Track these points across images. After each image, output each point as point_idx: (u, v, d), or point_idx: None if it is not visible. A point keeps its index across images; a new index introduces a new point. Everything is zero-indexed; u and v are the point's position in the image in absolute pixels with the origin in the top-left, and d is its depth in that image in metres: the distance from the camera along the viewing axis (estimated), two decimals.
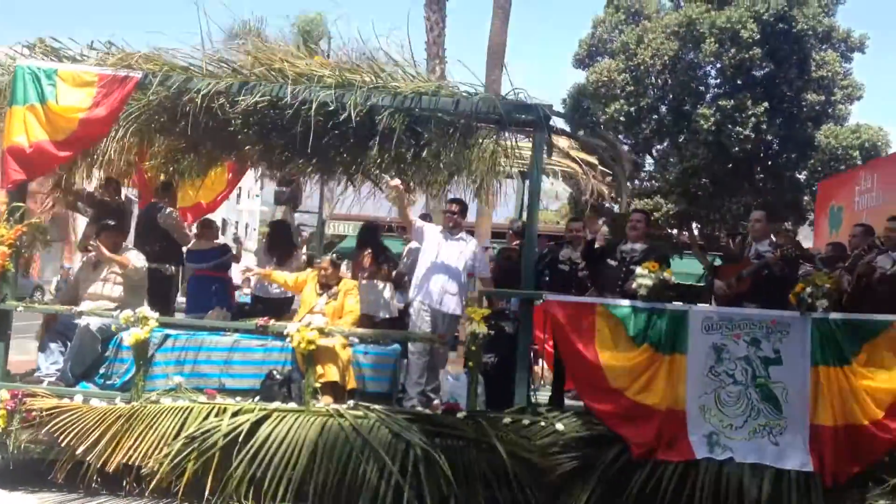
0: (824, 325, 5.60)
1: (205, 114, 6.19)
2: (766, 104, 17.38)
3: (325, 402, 5.87)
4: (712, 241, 18.29)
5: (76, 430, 5.59)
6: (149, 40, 6.45)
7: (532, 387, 8.85)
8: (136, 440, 5.60)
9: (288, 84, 5.86)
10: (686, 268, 15.51)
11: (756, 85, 18.00)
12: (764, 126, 17.46)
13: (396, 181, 6.43)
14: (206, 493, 5.41)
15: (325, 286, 6.60)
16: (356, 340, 6.47)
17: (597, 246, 6.48)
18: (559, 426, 5.70)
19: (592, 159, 7.86)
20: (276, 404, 5.78)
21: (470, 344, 5.68)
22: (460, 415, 5.74)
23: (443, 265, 6.48)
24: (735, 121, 17.22)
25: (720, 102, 17.56)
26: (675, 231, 19.10)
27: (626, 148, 18.95)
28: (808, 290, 5.60)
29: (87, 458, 5.56)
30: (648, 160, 20.64)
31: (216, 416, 5.67)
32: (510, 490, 5.55)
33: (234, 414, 5.67)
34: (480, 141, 7.44)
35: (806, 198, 18.32)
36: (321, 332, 5.81)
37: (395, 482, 5.39)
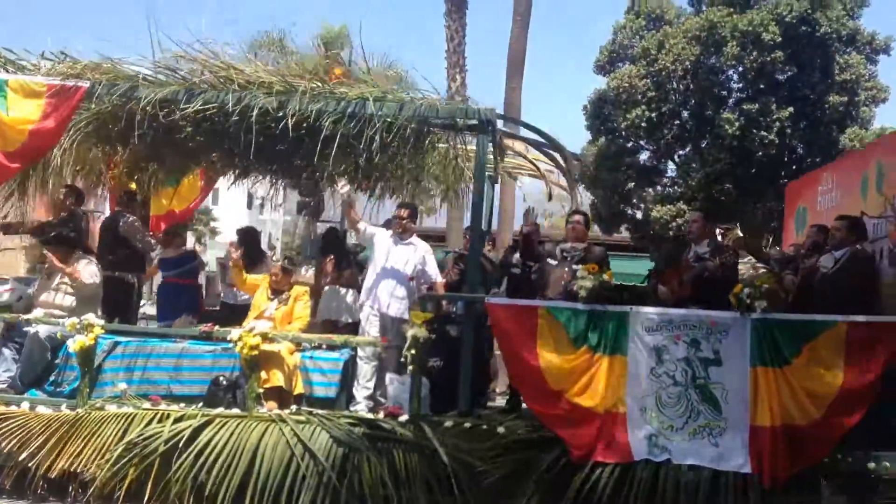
0: (763, 326, 5.60)
1: (157, 122, 6.28)
2: (790, 108, 17.25)
3: (268, 408, 5.90)
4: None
5: (20, 437, 5.64)
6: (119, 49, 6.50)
7: (497, 390, 8.92)
8: (78, 447, 5.65)
9: (231, 91, 5.91)
10: (634, 269, 15.47)
11: (779, 88, 17.86)
12: (788, 130, 17.32)
13: (347, 187, 6.49)
14: (146, 498, 5.45)
15: (277, 291, 6.65)
16: (308, 345, 6.53)
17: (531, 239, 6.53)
18: (501, 429, 5.72)
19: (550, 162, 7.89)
20: (219, 410, 5.82)
21: (410, 348, 5.70)
22: (402, 418, 5.76)
23: (391, 270, 6.53)
24: (759, 125, 17.04)
25: (744, 107, 17.41)
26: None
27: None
28: (747, 290, 5.61)
29: (31, 465, 5.60)
30: (671, 166, 20.49)
31: (159, 422, 5.71)
32: (451, 493, 5.57)
33: (177, 420, 5.71)
34: (438, 146, 7.51)
35: None
36: (265, 337, 5.85)
37: (334, 486, 5.42)
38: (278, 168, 7.81)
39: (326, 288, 8.15)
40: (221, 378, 6.12)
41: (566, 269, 6.21)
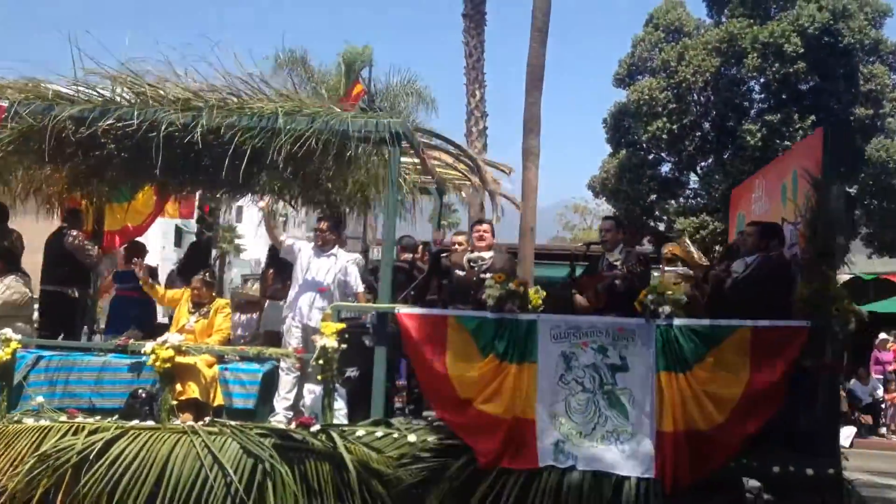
0: (668, 332, 5.64)
1: (77, 140, 6.39)
2: (812, 117, 17.14)
3: (183, 420, 5.95)
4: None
5: None
6: None
7: None
8: None
9: (136, 107, 6.01)
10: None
11: (802, 99, 17.79)
12: None
13: (263, 201, 6.58)
14: None
15: (198, 304, 6.72)
16: (236, 357, 6.61)
17: (444, 259, 6.61)
18: (411, 437, 5.76)
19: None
20: (134, 422, 5.88)
21: (319, 358, 5.75)
22: (314, 428, 5.80)
23: (312, 281, 6.60)
24: (782, 135, 16.98)
25: (766, 117, 17.37)
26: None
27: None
28: (651, 296, 5.66)
29: None
30: (693, 177, 20.43)
31: (74, 434, 5.77)
32: (363, 501, 5.62)
33: (92, 432, 5.78)
34: (370, 158, 7.60)
35: (857, 212, 18.08)
36: (177, 349, 5.91)
37: (241, 498, 5.47)
38: (211, 183, 7.90)
39: (268, 301, 8.24)
40: (140, 391, 6.18)
41: (473, 278, 6.26)
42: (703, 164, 20.02)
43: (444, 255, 6.77)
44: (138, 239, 9.86)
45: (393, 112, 15.18)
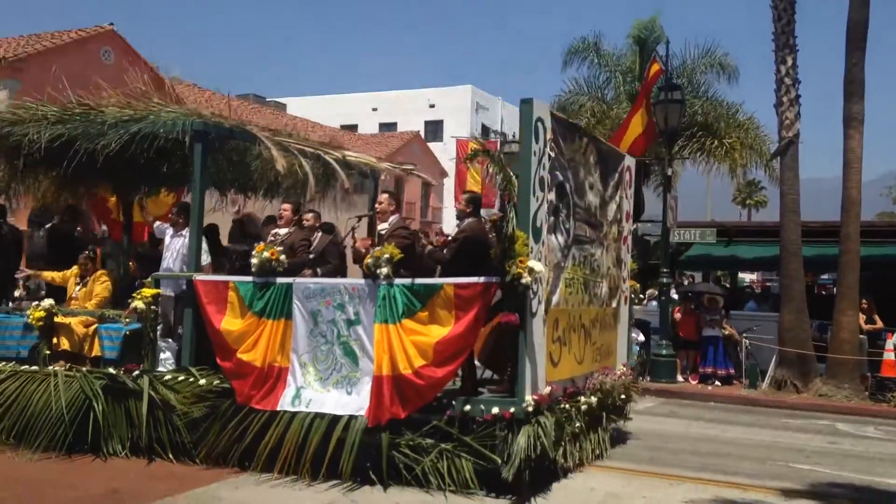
0: (389, 290, 6.40)
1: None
2: None
3: (57, 366, 7.65)
4: None
5: None
6: None
7: None
8: None
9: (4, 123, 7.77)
10: None
11: None
12: None
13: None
14: None
15: (83, 276, 8.42)
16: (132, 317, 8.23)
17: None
18: (202, 381, 7.03)
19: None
20: (25, 367, 7.70)
21: (126, 317, 7.22)
22: (135, 374, 7.26)
23: (168, 257, 8.04)
24: None
25: None
26: None
27: None
28: (370, 260, 6.45)
29: None
30: None
31: None
32: (167, 431, 7.02)
33: None
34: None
35: None
36: (48, 310, 7.63)
37: (65, 427, 7.08)
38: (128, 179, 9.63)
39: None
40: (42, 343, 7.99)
41: None
42: None
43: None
44: None
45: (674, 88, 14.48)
